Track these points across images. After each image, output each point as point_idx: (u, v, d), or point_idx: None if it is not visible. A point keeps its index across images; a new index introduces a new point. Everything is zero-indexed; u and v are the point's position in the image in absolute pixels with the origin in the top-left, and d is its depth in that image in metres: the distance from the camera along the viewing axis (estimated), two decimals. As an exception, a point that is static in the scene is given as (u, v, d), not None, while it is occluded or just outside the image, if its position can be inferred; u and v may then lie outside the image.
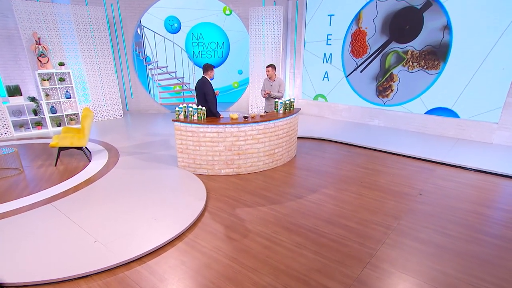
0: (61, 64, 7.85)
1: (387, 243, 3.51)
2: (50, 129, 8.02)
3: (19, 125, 7.72)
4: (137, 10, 9.23)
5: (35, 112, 7.78)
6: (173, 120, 5.25)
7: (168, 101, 11.06)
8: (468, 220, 3.97)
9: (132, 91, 10.03)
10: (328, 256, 3.29)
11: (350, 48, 7.59)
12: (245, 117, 5.27)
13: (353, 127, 8.26)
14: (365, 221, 3.97)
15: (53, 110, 7.99)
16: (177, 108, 5.24)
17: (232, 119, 5.26)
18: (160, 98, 11.00)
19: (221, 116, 5.46)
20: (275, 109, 5.81)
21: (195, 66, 11.55)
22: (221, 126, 5.10)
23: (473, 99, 6.81)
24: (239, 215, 4.14)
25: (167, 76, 11.31)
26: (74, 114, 8.42)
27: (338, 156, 6.39)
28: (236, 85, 11.99)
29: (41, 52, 7.50)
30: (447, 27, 5.78)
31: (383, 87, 6.86)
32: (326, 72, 8.43)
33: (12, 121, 7.55)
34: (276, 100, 5.80)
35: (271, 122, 5.37)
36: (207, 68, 5.45)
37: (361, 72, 8.06)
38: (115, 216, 3.97)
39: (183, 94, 11.40)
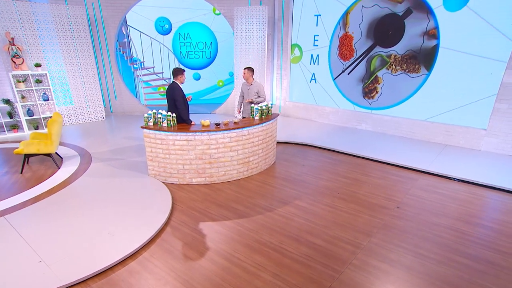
0: (38, 65, 7.61)
1: (353, 265, 3.28)
2: (26, 132, 7.79)
3: (-7, 128, 7.52)
4: (119, 9, 8.98)
5: (10, 115, 7.55)
6: (141, 127, 5.02)
7: (153, 102, 10.80)
8: (444, 237, 3.73)
9: (116, 93, 9.79)
10: (287, 280, 3.05)
11: (337, 52, 7.46)
12: (217, 124, 5.03)
13: (339, 131, 8.01)
14: (334, 238, 3.74)
15: (29, 112, 7.75)
16: (146, 115, 5.01)
17: (203, 126, 5.02)
18: (145, 99, 10.76)
19: (192, 123, 5.22)
20: (251, 114, 5.57)
21: (181, 66, 11.29)
22: (190, 133, 4.86)
23: (460, 105, 6.57)
24: (202, 230, 3.91)
25: (154, 77, 11.08)
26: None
27: (319, 163, 6.15)
28: (221, 83, 11.73)
29: (15, 53, 7.26)
30: (427, 33, 5.90)
31: (369, 88, 6.97)
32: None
33: (-14, 124, 7.34)
34: (252, 105, 5.56)
35: (245, 129, 5.13)
36: (177, 72, 5.20)
37: (348, 74, 7.89)
38: (70, 231, 3.74)
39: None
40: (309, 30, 8.46)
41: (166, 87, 11.07)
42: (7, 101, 7.44)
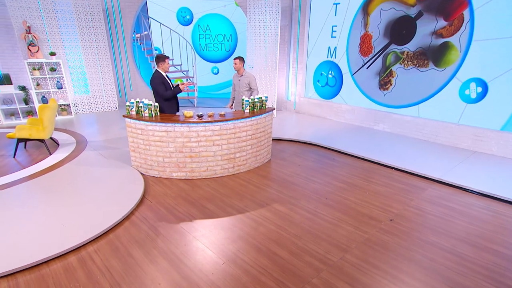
0: (52, 54, 7.80)
1: (312, 284, 2.76)
2: (40, 118, 8.04)
3: (10, 114, 7.83)
4: (135, -1, 8.97)
5: (26, 101, 7.83)
6: (124, 116, 4.83)
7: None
8: (436, 262, 3.06)
9: (132, 83, 9.85)
10: (226, 296, 2.63)
11: (359, 48, 7.57)
12: (199, 116, 4.69)
13: (353, 131, 7.31)
14: (302, 250, 3.23)
15: (44, 100, 7.98)
16: (128, 103, 4.81)
17: (185, 117, 4.71)
18: (160, 91, 10.72)
19: (177, 114, 4.93)
20: (242, 107, 5.16)
21: (196, 57, 11.05)
22: (170, 124, 4.57)
23: (489, 103, 5.64)
24: (160, 228, 3.59)
25: (172, 69, 11.00)
26: (65, 105, 8.38)
27: (318, 164, 5.58)
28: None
29: (31, 41, 7.48)
30: (435, 33, 6.21)
31: (384, 81, 7.29)
32: None
33: (2, 109, 7.66)
34: (243, 97, 5.14)
35: (230, 122, 4.73)
36: (159, 59, 4.91)
37: (367, 68, 7.41)
38: (25, 220, 3.60)
39: (187, 88, 11.00)
40: (327, 20, 7.88)
41: (184, 80, 11.03)
42: (23, 88, 7.72)
